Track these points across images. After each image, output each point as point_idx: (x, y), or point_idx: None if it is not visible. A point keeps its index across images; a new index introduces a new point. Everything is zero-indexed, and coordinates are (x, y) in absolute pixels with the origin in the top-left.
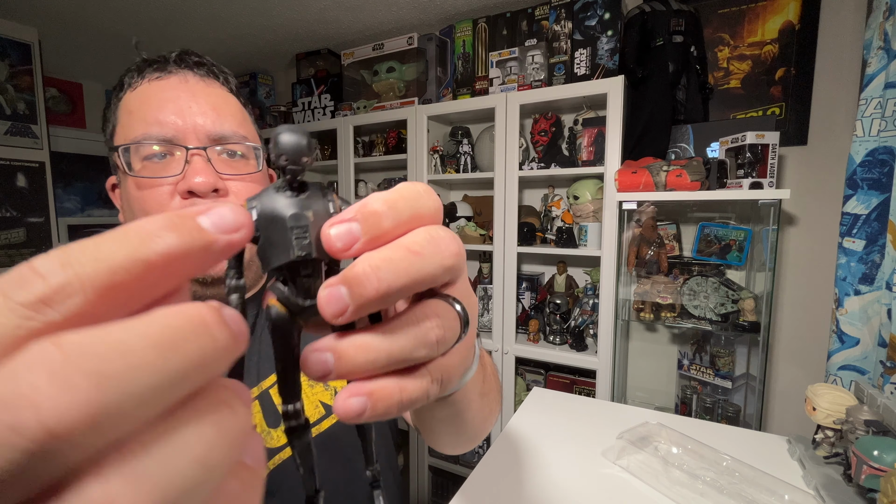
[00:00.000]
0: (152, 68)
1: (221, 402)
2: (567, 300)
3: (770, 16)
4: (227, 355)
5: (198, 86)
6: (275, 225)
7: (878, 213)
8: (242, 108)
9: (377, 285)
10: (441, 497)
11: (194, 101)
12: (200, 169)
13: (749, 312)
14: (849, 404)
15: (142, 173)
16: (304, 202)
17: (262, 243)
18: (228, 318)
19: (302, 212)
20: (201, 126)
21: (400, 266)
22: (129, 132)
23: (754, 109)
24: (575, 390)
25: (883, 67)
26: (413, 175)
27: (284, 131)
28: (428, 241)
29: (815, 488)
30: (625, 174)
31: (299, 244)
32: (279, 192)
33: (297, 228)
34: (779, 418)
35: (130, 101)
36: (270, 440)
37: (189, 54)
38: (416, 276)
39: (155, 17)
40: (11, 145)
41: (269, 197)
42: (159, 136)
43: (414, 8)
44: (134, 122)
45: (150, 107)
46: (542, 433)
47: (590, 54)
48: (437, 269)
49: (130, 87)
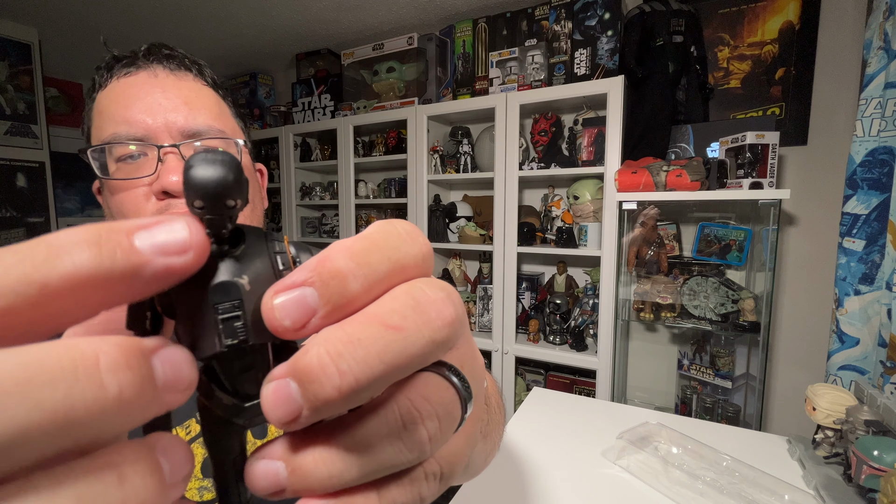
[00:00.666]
0: (121, 64)
1: (105, 467)
2: (567, 300)
3: (770, 16)
4: (127, 410)
5: (168, 80)
6: (193, 300)
7: (878, 213)
8: (220, 100)
9: (339, 382)
10: (441, 497)
11: (164, 96)
12: (174, 168)
13: (749, 312)
14: (849, 404)
15: (115, 175)
16: (235, 264)
17: (178, 322)
18: (161, 360)
19: (232, 279)
20: (173, 122)
21: (371, 350)
22: (100, 133)
23: (754, 109)
24: (575, 390)
25: (883, 67)
26: (413, 175)
27: (198, 163)
28: (412, 307)
29: (815, 488)
30: (625, 174)
31: (228, 328)
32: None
33: (224, 304)
34: (779, 418)
35: (101, 101)
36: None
37: (159, 47)
38: (395, 362)
39: (155, 18)
40: (11, 145)
41: None
42: (129, 135)
43: (414, 8)
44: (104, 122)
45: (119, 105)
46: (542, 433)
47: (590, 54)
48: (424, 347)
49: (101, 86)
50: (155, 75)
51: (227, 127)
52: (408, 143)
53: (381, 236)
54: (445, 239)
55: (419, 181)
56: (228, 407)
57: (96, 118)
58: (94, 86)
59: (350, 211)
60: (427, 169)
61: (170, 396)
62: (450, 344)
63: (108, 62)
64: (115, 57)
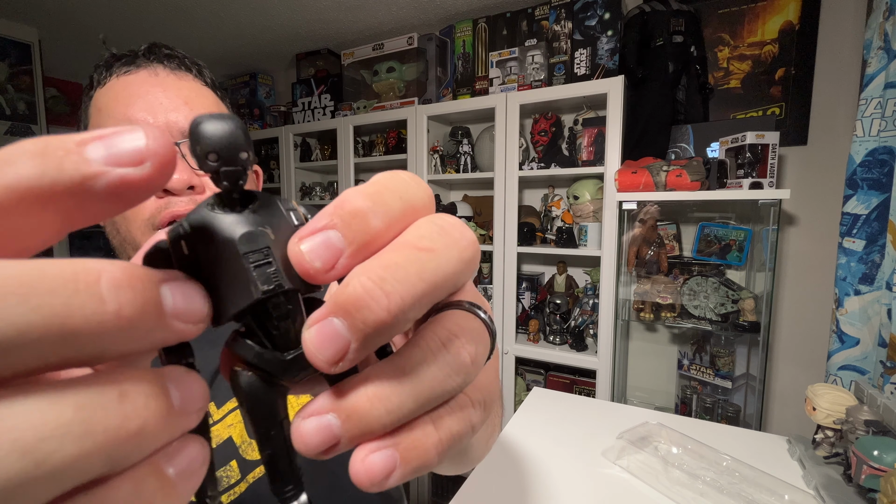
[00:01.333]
0: (121, 63)
1: (108, 382)
2: (567, 300)
3: (770, 16)
4: (129, 329)
5: (168, 79)
6: (220, 255)
7: (878, 213)
8: (218, 102)
9: (387, 303)
10: (441, 497)
11: (165, 95)
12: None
13: (749, 312)
14: (849, 404)
15: None
16: (255, 217)
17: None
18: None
19: (256, 228)
20: (174, 122)
21: (411, 270)
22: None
23: (754, 109)
24: (575, 390)
25: (883, 67)
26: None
27: (206, 119)
28: (437, 232)
29: (815, 488)
30: (625, 174)
31: (262, 274)
32: (215, 209)
33: (254, 253)
34: (779, 418)
35: (100, 99)
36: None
37: (159, 47)
38: (433, 279)
39: (155, 18)
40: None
41: (201, 218)
42: None
43: (414, 8)
44: (103, 120)
45: (119, 103)
46: (542, 433)
47: (590, 54)
48: (456, 265)
49: (100, 84)
50: (155, 74)
51: None
52: (408, 143)
53: (389, 180)
54: None
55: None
56: (270, 362)
57: (94, 115)
58: (93, 83)
59: None
60: (427, 169)
61: (180, 325)
62: (474, 264)
63: (107, 60)
64: (114, 55)
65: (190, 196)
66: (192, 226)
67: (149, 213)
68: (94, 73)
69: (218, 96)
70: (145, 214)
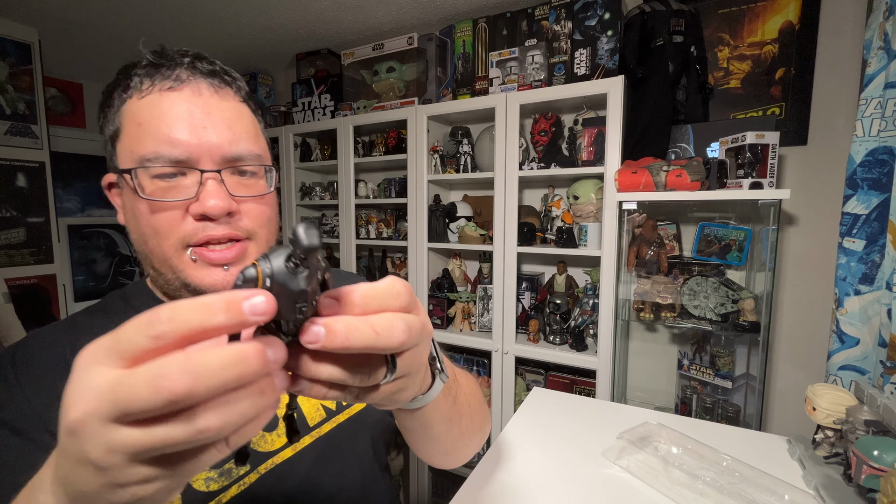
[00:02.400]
0: (162, 75)
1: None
2: (567, 300)
3: (770, 16)
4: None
5: (212, 99)
6: (284, 294)
7: (878, 213)
8: (255, 120)
9: (342, 342)
10: (441, 497)
11: (208, 118)
12: (214, 192)
13: (749, 312)
14: (849, 404)
15: (153, 194)
16: (306, 279)
17: (279, 305)
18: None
19: (306, 288)
20: (216, 147)
21: (361, 336)
22: (137, 146)
23: (754, 109)
24: (575, 390)
25: (883, 67)
26: (413, 175)
27: (304, 236)
28: (386, 327)
29: (815, 488)
30: (625, 174)
31: (300, 312)
32: (287, 262)
33: (301, 304)
34: (779, 418)
35: (139, 111)
36: (265, 444)
37: (201, 60)
38: (371, 344)
39: (155, 18)
40: (11, 145)
41: (280, 266)
42: (171, 157)
43: (414, 8)
44: (144, 136)
45: (162, 122)
46: (542, 433)
47: (590, 54)
48: (386, 345)
49: (139, 90)
50: (199, 93)
51: (261, 149)
52: (408, 143)
53: (382, 291)
54: (445, 239)
55: (419, 181)
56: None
57: (131, 127)
58: (129, 86)
59: (350, 211)
60: (427, 169)
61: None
62: (401, 349)
63: (147, 67)
64: (153, 64)
65: (226, 221)
66: (275, 273)
67: (184, 234)
68: (133, 79)
69: (251, 109)
70: (180, 234)
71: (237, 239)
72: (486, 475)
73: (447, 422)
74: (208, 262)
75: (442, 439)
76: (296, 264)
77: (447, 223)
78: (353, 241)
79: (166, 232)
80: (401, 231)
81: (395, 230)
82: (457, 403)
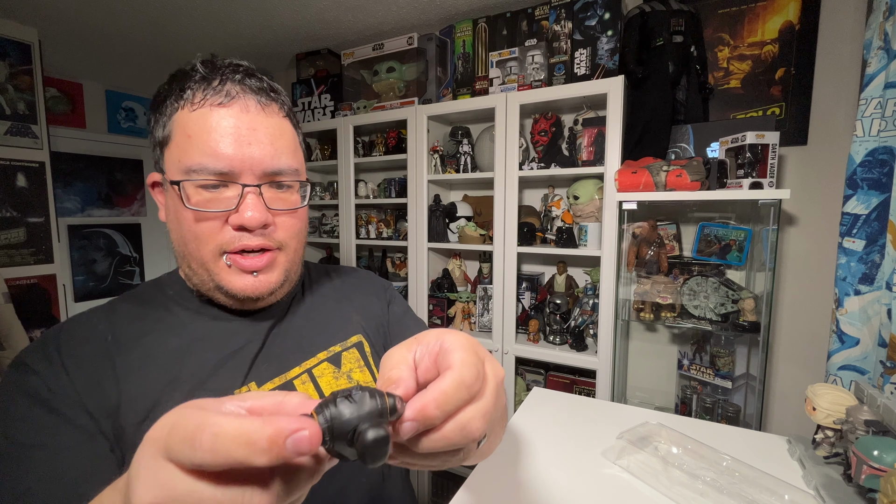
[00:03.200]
0: (214, 90)
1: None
2: (567, 300)
3: (770, 16)
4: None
5: (258, 116)
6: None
7: (878, 213)
8: (295, 135)
9: (425, 452)
10: (441, 497)
11: (253, 134)
12: (252, 205)
13: (749, 312)
14: (849, 404)
15: (198, 204)
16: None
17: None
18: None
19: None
20: (258, 161)
21: (442, 445)
22: (185, 157)
23: (754, 109)
24: (575, 390)
25: (883, 67)
26: (413, 175)
27: (372, 438)
28: (464, 427)
29: (815, 488)
30: (625, 174)
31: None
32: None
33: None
34: (779, 418)
35: (189, 123)
36: None
37: (251, 76)
38: (458, 446)
39: (155, 17)
40: (11, 145)
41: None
42: (215, 168)
43: (414, 8)
44: (192, 147)
45: (210, 136)
46: (542, 433)
47: (590, 54)
48: (473, 439)
49: (191, 102)
50: (247, 110)
51: (299, 163)
52: (408, 143)
53: (453, 392)
54: (445, 239)
55: (419, 181)
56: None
57: (181, 137)
58: (182, 96)
59: (350, 211)
60: (427, 169)
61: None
62: (482, 437)
63: (199, 82)
64: (205, 77)
65: (261, 232)
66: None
67: (222, 241)
68: (187, 90)
69: (293, 124)
70: (219, 241)
71: (269, 249)
72: (486, 475)
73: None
74: (241, 268)
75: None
76: (349, 400)
77: (447, 223)
78: (353, 241)
79: (206, 239)
80: (401, 231)
81: (395, 230)
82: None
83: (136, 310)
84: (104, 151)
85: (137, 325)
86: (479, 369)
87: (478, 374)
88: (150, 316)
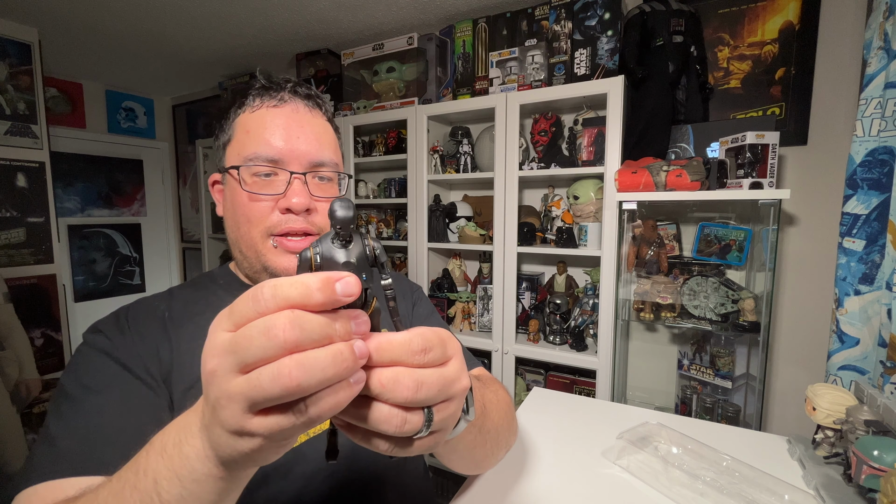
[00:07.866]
0: (270, 95)
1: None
2: (567, 300)
3: (770, 16)
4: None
5: (305, 116)
6: (332, 267)
7: (878, 213)
8: (335, 137)
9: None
10: (441, 497)
11: (301, 130)
12: (298, 191)
13: (749, 312)
14: (849, 404)
15: (252, 188)
16: (350, 251)
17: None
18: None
19: (349, 259)
20: (304, 153)
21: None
22: (243, 148)
23: (754, 109)
24: (575, 390)
25: (883, 67)
26: (413, 175)
27: (339, 209)
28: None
29: (815, 488)
30: (625, 174)
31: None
32: (333, 242)
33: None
34: (779, 418)
35: (248, 122)
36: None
37: (301, 86)
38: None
39: (155, 17)
40: (11, 145)
41: (328, 247)
42: (267, 156)
43: (414, 8)
44: (250, 140)
45: (265, 130)
46: (542, 433)
47: (590, 54)
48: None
49: (250, 107)
50: (297, 111)
51: (339, 159)
52: (408, 143)
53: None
54: (445, 239)
55: (419, 181)
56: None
57: (241, 134)
58: (244, 103)
59: None
60: (427, 169)
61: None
62: (406, 404)
63: (259, 91)
64: (264, 87)
65: (304, 216)
66: (323, 252)
67: (270, 223)
68: (248, 98)
69: (333, 128)
70: (267, 223)
71: (310, 233)
72: (486, 475)
73: (471, 449)
74: (285, 249)
75: (465, 460)
76: (341, 244)
77: (447, 223)
78: None
79: (257, 220)
80: (401, 231)
81: (395, 230)
82: (483, 431)
83: (190, 294)
84: (104, 151)
85: (190, 307)
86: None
87: (426, 348)
88: (201, 300)
